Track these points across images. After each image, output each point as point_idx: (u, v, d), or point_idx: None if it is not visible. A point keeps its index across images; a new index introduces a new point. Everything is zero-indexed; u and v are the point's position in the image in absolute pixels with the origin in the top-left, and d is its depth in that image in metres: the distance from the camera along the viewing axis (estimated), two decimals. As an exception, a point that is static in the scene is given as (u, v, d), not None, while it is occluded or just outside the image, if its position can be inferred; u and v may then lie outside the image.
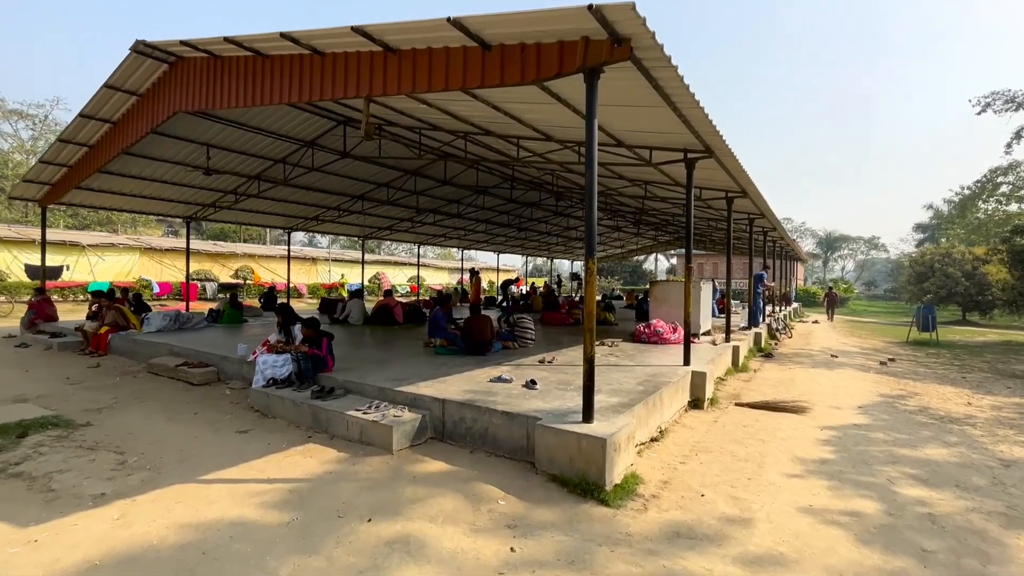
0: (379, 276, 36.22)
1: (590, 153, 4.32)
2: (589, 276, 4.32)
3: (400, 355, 8.04)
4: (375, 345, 9.50)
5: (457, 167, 15.08)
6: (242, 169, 13.49)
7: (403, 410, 5.24)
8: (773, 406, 7.29)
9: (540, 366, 7.30)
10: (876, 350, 15.38)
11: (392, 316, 12.70)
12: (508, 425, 4.74)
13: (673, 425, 6.25)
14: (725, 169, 8.73)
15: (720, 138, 6.77)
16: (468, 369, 6.91)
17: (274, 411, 5.98)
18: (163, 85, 9.18)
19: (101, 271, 26.30)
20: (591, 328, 4.36)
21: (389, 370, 6.72)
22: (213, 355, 7.95)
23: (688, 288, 7.67)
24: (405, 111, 9.33)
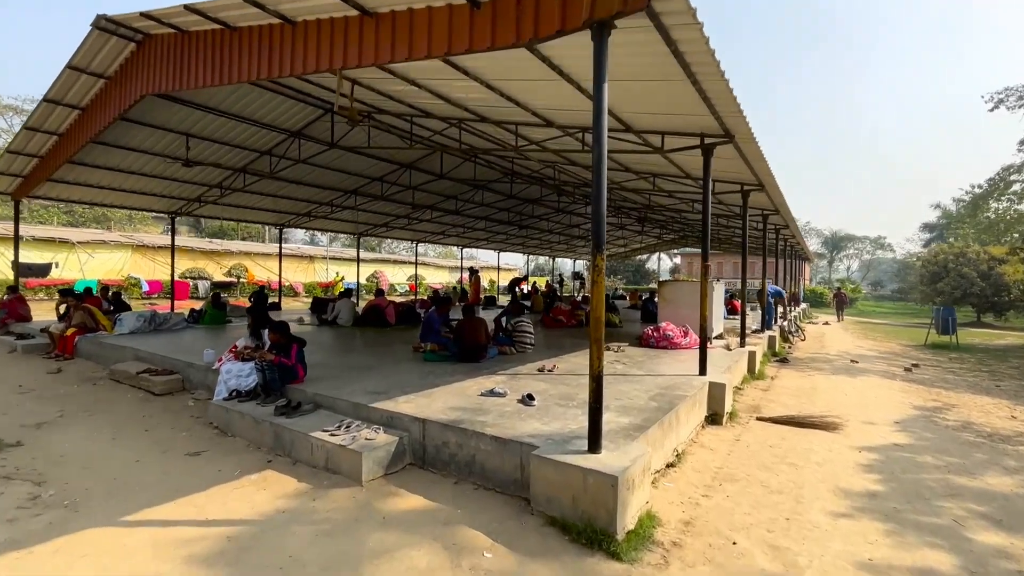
0: (377, 275, 35.46)
1: (599, 127, 3.55)
2: (597, 275, 3.55)
3: (385, 362, 7.28)
4: (360, 349, 8.75)
5: (454, 160, 14.33)
6: (226, 161, 12.73)
7: (378, 431, 4.48)
8: (800, 421, 6.51)
9: (539, 376, 6.53)
10: (895, 354, 14.58)
11: (383, 317, 11.95)
12: (499, 453, 3.98)
13: (690, 445, 5.48)
14: (743, 158, 7.94)
15: (743, 119, 5.98)
16: (458, 379, 6.14)
17: (233, 428, 5.23)
18: (131, 66, 8.43)
19: (91, 268, 25.61)
20: (599, 338, 3.58)
21: (369, 380, 5.96)
22: (179, 361, 7.20)
23: (704, 289, 6.89)
24: (393, 95, 8.56)
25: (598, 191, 3.53)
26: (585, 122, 7.82)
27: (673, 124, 6.95)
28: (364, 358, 7.65)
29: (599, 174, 3.53)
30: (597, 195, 3.53)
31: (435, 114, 9.31)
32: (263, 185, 14.61)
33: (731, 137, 6.67)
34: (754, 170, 8.78)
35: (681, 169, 10.06)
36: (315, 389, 5.47)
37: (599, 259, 3.54)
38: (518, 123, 8.55)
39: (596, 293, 3.57)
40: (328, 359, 7.42)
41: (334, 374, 6.28)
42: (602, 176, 3.52)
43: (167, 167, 12.57)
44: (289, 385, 5.63)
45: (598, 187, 3.54)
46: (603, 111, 3.54)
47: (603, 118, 3.53)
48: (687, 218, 20.38)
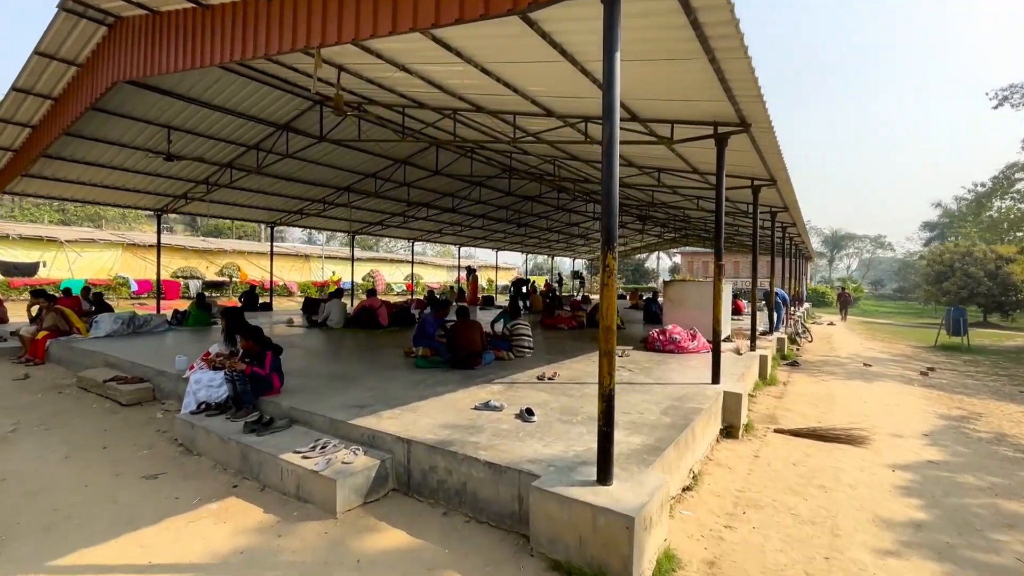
0: (373, 274, 34.91)
1: (610, 95, 3.02)
2: (608, 276, 3.03)
3: (372, 368, 6.75)
4: (347, 355, 8.22)
5: (450, 156, 13.80)
6: (211, 156, 12.20)
7: (357, 452, 3.95)
8: (823, 434, 5.99)
9: (538, 385, 6.01)
10: (907, 356, 14.08)
11: (375, 318, 11.42)
12: (494, 481, 3.45)
13: (706, 463, 4.97)
14: (757, 150, 7.43)
15: (762, 105, 5.46)
16: (451, 389, 5.62)
17: (199, 447, 4.70)
18: (103, 52, 7.87)
19: (80, 268, 25.06)
20: (610, 351, 3.06)
21: (352, 391, 5.43)
22: (149, 368, 6.67)
23: (718, 290, 6.37)
24: (384, 83, 8.03)
25: (609, 175, 3.01)
26: (587, 110, 7.30)
27: (683, 112, 6.42)
28: (350, 365, 7.12)
29: (610, 154, 3.00)
30: (608, 182, 3.00)
31: (428, 104, 8.79)
32: (252, 181, 14.07)
33: (747, 126, 6.15)
34: (767, 164, 8.26)
35: (688, 163, 9.54)
36: (291, 402, 4.94)
37: (610, 257, 3.02)
38: (516, 113, 8.02)
39: (607, 297, 3.05)
40: (311, 366, 6.89)
41: (315, 384, 5.74)
42: (614, 156, 3.00)
43: (150, 162, 12.02)
44: (264, 397, 5.11)
45: (609, 170, 3.01)
46: (615, 79, 3.01)
47: (615, 87, 3.01)
48: (690, 216, 19.88)
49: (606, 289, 3.03)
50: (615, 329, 3.06)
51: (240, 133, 11.37)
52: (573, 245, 32.33)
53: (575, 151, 10.57)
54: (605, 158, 3.00)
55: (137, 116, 10.05)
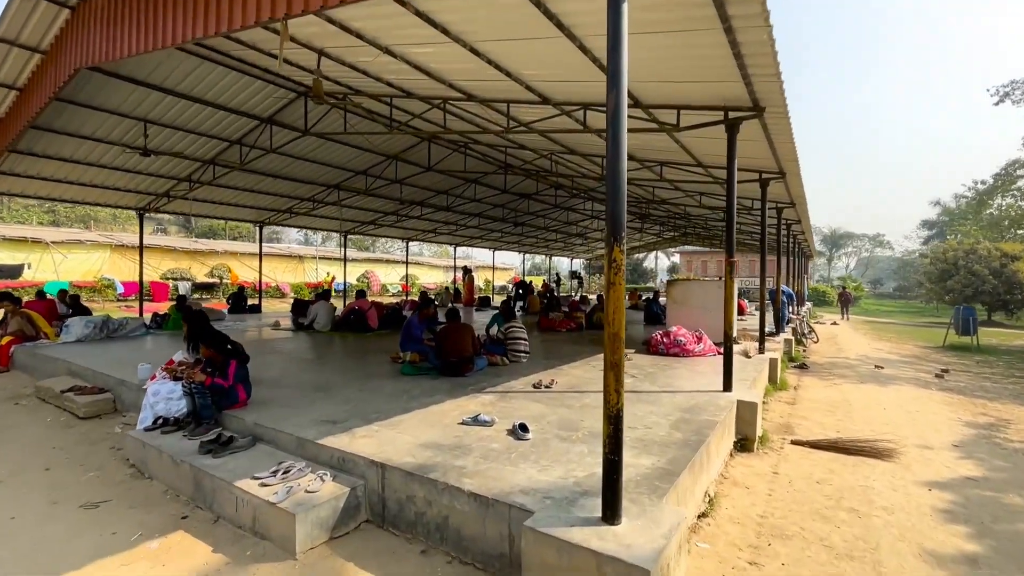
0: (368, 275, 34.35)
1: (616, 60, 2.51)
2: (615, 273, 2.51)
3: (354, 377, 6.22)
4: (329, 361, 7.68)
5: (442, 151, 13.28)
6: (193, 152, 11.65)
7: (324, 478, 3.43)
8: (845, 447, 5.48)
9: (534, 394, 5.49)
10: (917, 357, 13.60)
11: (365, 321, 10.88)
12: (480, 515, 2.93)
13: (721, 482, 4.45)
14: (768, 139, 6.93)
15: (779, 85, 4.95)
16: (437, 399, 5.10)
17: (150, 468, 4.16)
18: (65, 37, 7.33)
19: (66, 270, 24.46)
20: (617, 362, 2.54)
21: (328, 403, 4.90)
22: (111, 377, 6.12)
23: (731, 290, 5.86)
24: (369, 70, 7.49)
25: (616, 152, 2.49)
26: (586, 95, 6.78)
27: (691, 95, 5.90)
28: (331, 372, 6.58)
29: (617, 126, 2.48)
30: (615, 160, 2.48)
31: (416, 94, 8.27)
32: (238, 179, 13.54)
33: (760, 111, 5.64)
34: (777, 154, 7.76)
35: (692, 155, 9.03)
36: (258, 417, 4.41)
37: (617, 251, 2.50)
38: (509, 101, 7.50)
39: (614, 298, 2.53)
40: (288, 374, 6.36)
41: (288, 395, 5.21)
42: (620, 128, 2.48)
43: (128, 158, 11.48)
44: (228, 411, 4.57)
45: (616, 146, 2.50)
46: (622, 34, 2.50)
47: (622, 45, 2.49)
48: (690, 214, 19.38)
49: (613, 289, 2.51)
50: (623, 337, 2.54)
51: (222, 127, 10.85)
52: (571, 245, 31.84)
53: (573, 143, 10.06)
54: (611, 129, 2.48)
55: (111, 108, 9.51)
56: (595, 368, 7.00)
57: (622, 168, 2.48)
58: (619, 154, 2.47)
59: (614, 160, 2.48)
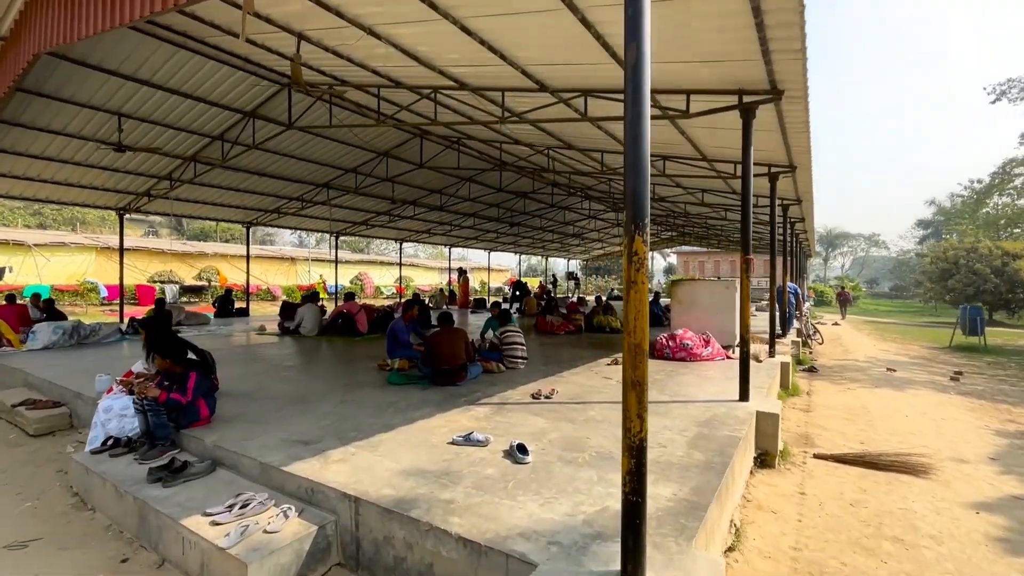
0: (361, 277, 33.76)
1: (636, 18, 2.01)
2: (636, 268, 2.01)
3: (335, 387, 5.69)
4: (312, 369, 7.16)
5: (435, 147, 12.79)
6: (172, 148, 11.08)
7: (288, 513, 2.91)
8: (874, 461, 5.01)
9: (533, 405, 4.98)
10: (927, 359, 13.17)
11: (353, 325, 10.35)
12: (471, 565, 2.43)
13: (744, 505, 3.96)
14: (782, 127, 6.48)
15: (802, 62, 4.47)
16: (425, 413, 4.58)
17: (94, 498, 3.63)
18: (24, 21, 6.80)
19: (50, 273, 23.76)
20: (640, 379, 2.04)
21: (302, 419, 4.38)
22: (67, 390, 5.57)
23: (746, 290, 5.38)
24: (353, 57, 7.01)
25: (637, 115, 1.99)
26: (586, 80, 6.28)
27: (702, 77, 5.42)
28: (311, 382, 6.05)
29: (638, 81, 1.99)
30: (636, 124, 1.99)
31: (405, 83, 7.77)
32: (223, 177, 12.99)
33: (778, 94, 5.17)
34: (790, 146, 7.31)
35: (696, 147, 8.57)
36: (220, 437, 3.88)
37: (639, 242, 2.00)
38: (504, 89, 7.01)
39: (635, 301, 2.02)
40: (264, 384, 5.82)
41: (259, 410, 4.68)
42: (643, 82, 1.99)
43: (104, 155, 10.91)
44: (188, 430, 4.04)
45: (637, 108, 2.00)
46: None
47: None
48: (690, 212, 18.92)
49: (635, 290, 2.00)
50: (647, 349, 2.04)
51: (202, 122, 10.31)
52: (568, 245, 31.38)
53: (571, 137, 9.58)
54: (631, 85, 1.98)
55: (81, 101, 8.96)
56: (598, 375, 6.51)
57: (644, 132, 1.98)
58: (640, 114, 1.97)
59: (635, 122, 1.98)
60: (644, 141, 2.00)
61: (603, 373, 6.62)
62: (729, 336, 8.66)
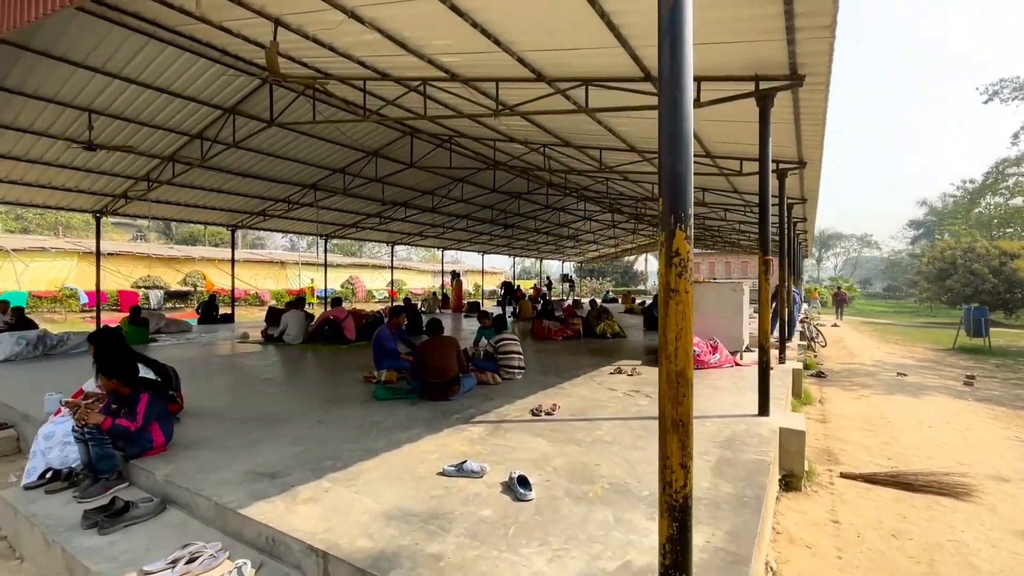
0: (352, 280, 33.15)
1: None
2: (677, 275, 1.53)
3: (315, 403, 5.18)
4: (291, 382, 6.63)
5: (425, 146, 12.28)
6: (148, 147, 10.52)
7: (243, 571, 2.41)
8: (909, 482, 4.56)
9: (534, 424, 4.49)
10: (934, 362, 12.81)
11: (340, 332, 9.83)
12: (464, 644, 1.93)
13: (775, 539, 3.50)
14: (796, 118, 6.06)
15: (830, 42, 4.04)
16: (413, 435, 4.09)
17: (22, 545, 3.11)
18: (-24, 6, 6.28)
19: (29, 279, 23.01)
20: (683, 418, 1.56)
21: (273, 445, 3.87)
22: (15, 410, 5.02)
23: (765, 293, 4.93)
24: (336, 47, 6.52)
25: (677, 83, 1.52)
26: (588, 68, 5.81)
27: (714, 61, 4.96)
28: (288, 398, 5.53)
29: (677, 41, 1.52)
30: (675, 82, 1.52)
31: (392, 75, 7.28)
32: (203, 178, 12.40)
33: (798, 79, 4.73)
34: (802, 140, 6.89)
35: (701, 143, 8.12)
36: (174, 469, 3.36)
37: (680, 237, 1.53)
38: (498, 79, 6.52)
39: (675, 315, 1.55)
40: (235, 402, 5.30)
41: (224, 434, 4.16)
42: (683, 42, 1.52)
43: (75, 155, 10.32)
44: (139, 460, 3.52)
45: (677, 76, 1.53)
46: None
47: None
48: (688, 213, 18.49)
49: (675, 300, 1.53)
50: (691, 378, 1.56)
51: (179, 119, 9.76)
52: (562, 247, 30.95)
53: (567, 133, 9.13)
54: (668, 34, 1.51)
55: (47, 96, 8.40)
56: (601, 386, 6.04)
57: (685, 94, 1.51)
58: (681, 68, 1.50)
59: (675, 81, 1.50)
60: (685, 106, 1.53)
61: (607, 384, 6.15)
62: (736, 342, 8.23)
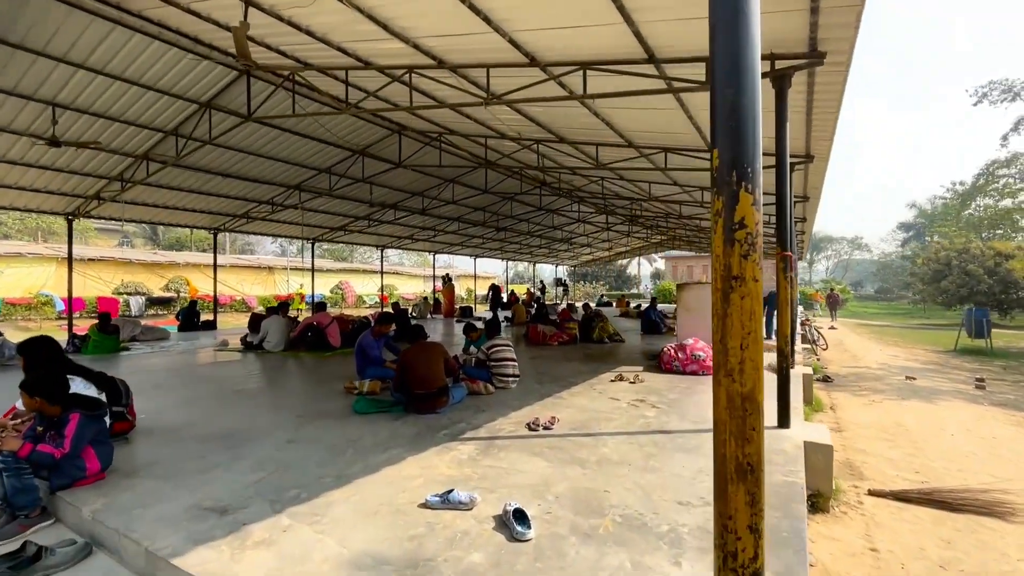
0: (342, 285, 32.53)
1: None
2: (743, 255, 1.06)
3: (287, 418, 4.66)
4: (267, 393, 6.10)
5: (414, 144, 11.81)
6: (120, 144, 9.98)
7: (169, 642, 1.90)
8: (943, 499, 4.12)
9: (531, 440, 4.01)
10: (939, 364, 12.48)
11: (324, 339, 9.30)
12: None
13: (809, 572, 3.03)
14: (809, 106, 5.68)
15: (858, 11, 3.62)
16: (394, 456, 3.59)
17: (-84, 601, 2.57)
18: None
19: (4, 285, 22.23)
20: (753, 460, 1.09)
21: (231, 469, 3.36)
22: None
23: (786, 295, 4.49)
24: (314, 30, 6.06)
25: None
26: (589, 49, 5.35)
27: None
28: (259, 412, 5.01)
29: None
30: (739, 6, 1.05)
31: (375, 63, 6.82)
32: (181, 178, 11.84)
33: (819, 57, 4.31)
34: (812, 130, 6.50)
35: (702, 134, 7.71)
36: (107, 503, 2.85)
37: (743, 201, 1.06)
38: (489, 64, 6.07)
39: (737, 313, 1.08)
40: (198, 417, 4.77)
41: (180, 455, 3.64)
42: None
43: (42, 153, 9.74)
44: (70, 490, 3.00)
45: None
46: None
47: None
48: (684, 213, 18.17)
49: (740, 293, 1.06)
50: (761, 403, 1.10)
51: (152, 115, 9.23)
52: (556, 250, 30.54)
53: (563, 128, 8.70)
54: None
55: (6, 88, 7.85)
56: (603, 395, 5.57)
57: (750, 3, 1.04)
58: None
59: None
60: (752, 15, 1.07)
61: (608, 393, 5.69)
62: (742, 345, 7.79)
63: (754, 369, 1.09)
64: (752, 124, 1.12)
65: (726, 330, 1.11)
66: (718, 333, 1.12)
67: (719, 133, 1.13)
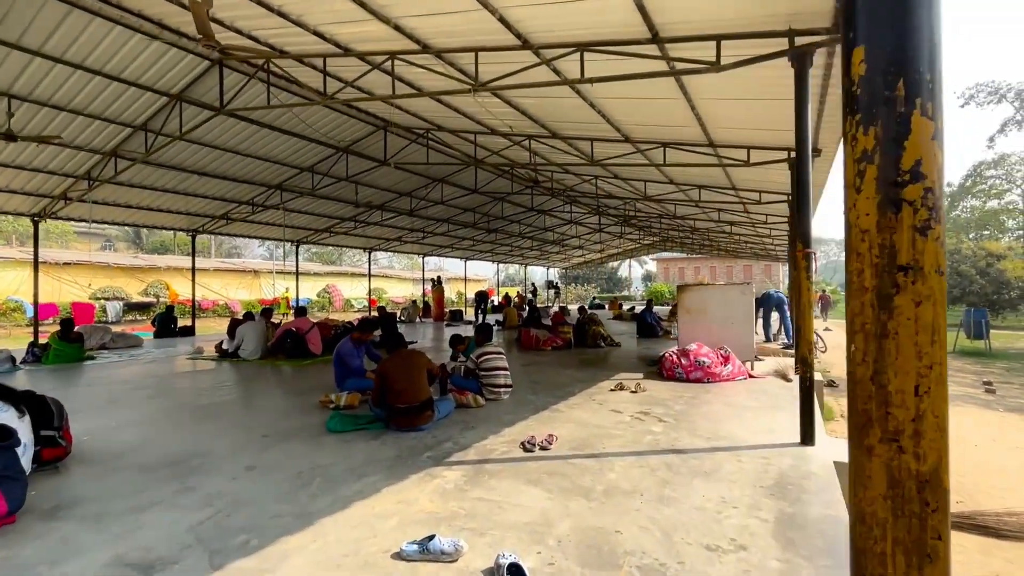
0: (329, 289, 31.84)
1: None
2: (916, 194, 0.58)
3: (249, 440, 4.14)
4: (233, 408, 5.56)
5: (400, 141, 11.31)
6: (86, 140, 9.39)
7: None
8: (987, 524, 3.70)
9: (526, 463, 3.52)
10: (941, 367, 12.18)
11: (304, 345, 8.74)
12: None
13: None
14: (823, 90, 5.25)
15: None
16: (368, 487, 3.09)
17: None
18: None
19: (-27, 291, 21.39)
20: (937, 550, 0.61)
21: (173, 507, 2.84)
22: None
23: (807, 296, 4.07)
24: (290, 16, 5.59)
25: None
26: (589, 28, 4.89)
27: (739, 9, 4.08)
28: (219, 431, 4.47)
29: None
30: None
31: (355, 49, 6.34)
32: (155, 177, 11.24)
33: (842, 33, 3.89)
34: (823, 118, 6.11)
35: (704, 129, 7.31)
36: (7, 556, 2.32)
37: (917, 126, 0.60)
38: (477, 48, 5.60)
39: (915, 317, 0.60)
40: (151, 436, 4.22)
41: (111, 487, 3.10)
42: None
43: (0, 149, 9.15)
44: (-33, 539, 2.47)
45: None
46: None
47: None
48: (678, 213, 17.80)
49: (909, 294, 0.58)
50: (948, 488, 0.62)
51: (119, 108, 8.66)
52: (547, 253, 30.14)
53: (556, 122, 8.26)
54: None
55: (-49, 79, 7.26)
56: (604, 406, 5.10)
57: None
58: None
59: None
60: None
61: (609, 404, 5.22)
62: (748, 350, 7.38)
63: (938, 431, 0.62)
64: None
65: (886, 360, 0.64)
66: (866, 365, 0.65)
67: (864, 11, 0.66)
